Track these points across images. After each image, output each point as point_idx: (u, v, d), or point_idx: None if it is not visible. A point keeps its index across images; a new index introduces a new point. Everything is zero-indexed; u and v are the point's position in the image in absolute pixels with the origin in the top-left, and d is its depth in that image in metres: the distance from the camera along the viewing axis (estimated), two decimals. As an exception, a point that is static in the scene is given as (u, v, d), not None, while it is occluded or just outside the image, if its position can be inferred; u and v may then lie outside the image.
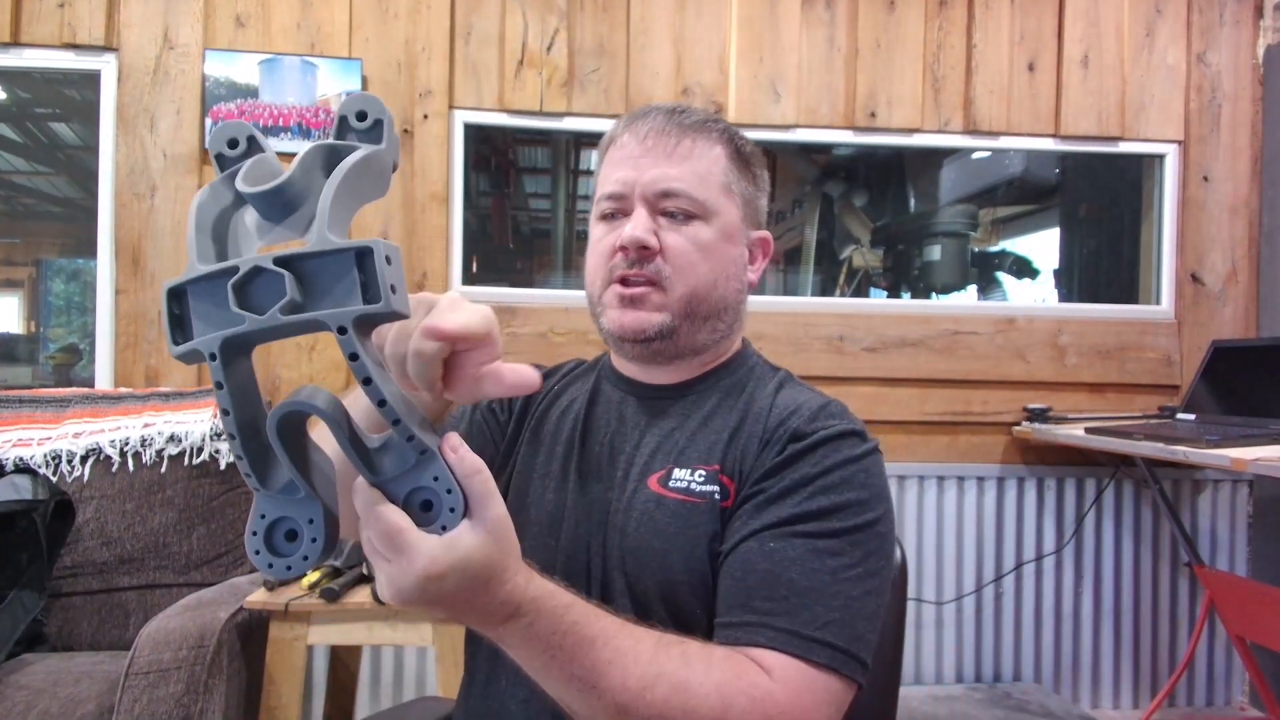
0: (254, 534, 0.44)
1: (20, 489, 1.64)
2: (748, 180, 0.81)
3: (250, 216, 0.44)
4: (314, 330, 0.41)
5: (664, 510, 0.71)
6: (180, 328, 0.42)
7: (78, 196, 4.93)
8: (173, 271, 2.12)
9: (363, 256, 0.40)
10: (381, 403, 0.41)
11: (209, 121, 2.11)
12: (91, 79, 2.15)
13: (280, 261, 0.40)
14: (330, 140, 0.45)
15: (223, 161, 0.46)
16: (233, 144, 0.45)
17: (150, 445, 1.81)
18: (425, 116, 2.20)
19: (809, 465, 0.68)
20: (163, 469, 1.81)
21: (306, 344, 2.13)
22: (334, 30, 2.17)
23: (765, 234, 0.83)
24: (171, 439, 1.82)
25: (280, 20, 2.16)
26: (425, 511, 0.45)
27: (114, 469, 1.80)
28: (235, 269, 0.40)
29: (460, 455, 0.45)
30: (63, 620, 1.71)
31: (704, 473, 0.72)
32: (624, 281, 0.75)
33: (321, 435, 0.47)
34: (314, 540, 0.44)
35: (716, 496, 0.70)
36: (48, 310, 4.72)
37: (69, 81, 3.03)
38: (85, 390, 1.95)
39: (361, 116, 0.45)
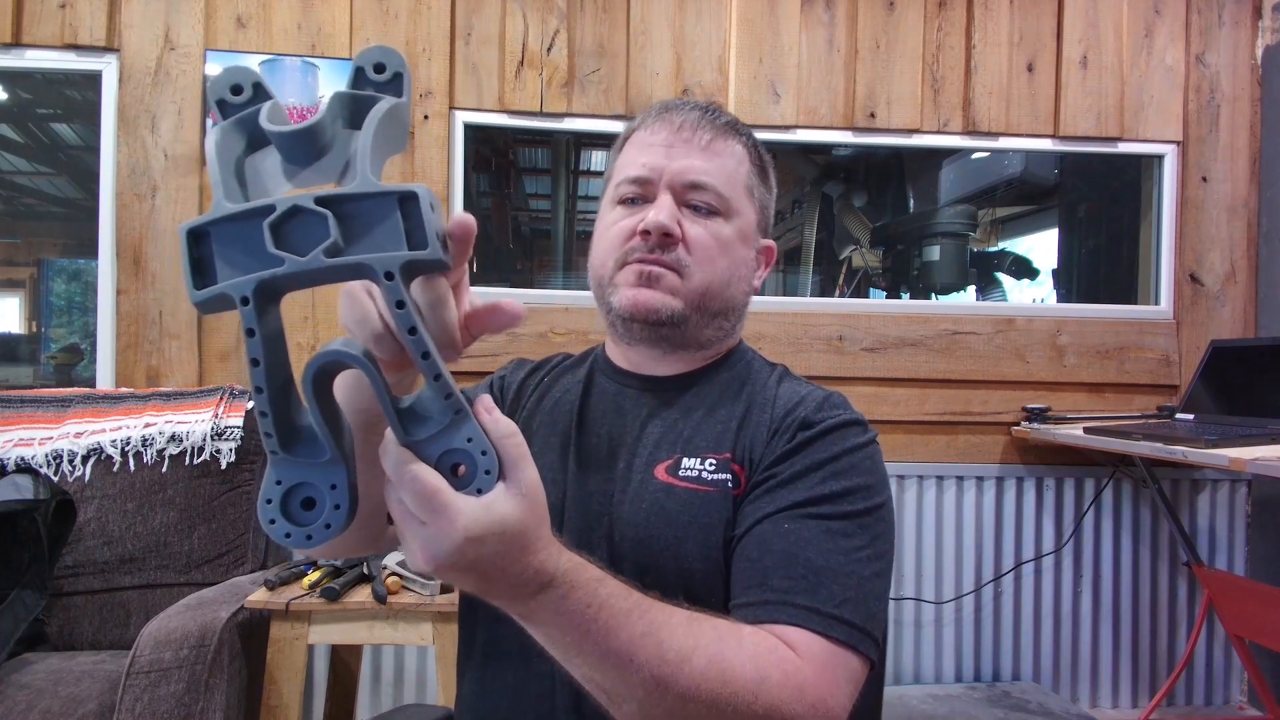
0: (268, 501, 0.41)
1: (22, 489, 1.65)
2: (765, 188, 0.83)
3: (269, 162, 0.42)
4: (355, 276, 0.39)
5: (675, 499, 0.71)
6: (201, 272, 0.38)
7: (79, 197, 4.93)
8: (174, 271, 2.12)
9: (406, 201, 0.38)
10: (425, 354, 0.40)
11: (210, 122, 2.11)
12: (93, 80, 2.15)
13: (321, 201, 0.38)
14: (349, 89, 0.43)
15: (224, 108, 0.43)
16: (236, 90, 0.43)
17: (151, 445, 1.82)
18: (426, 117, 2.20)
19: (819, 451, 0.70)
20: (164, 469, 1.81)
21: (307, 344, 2.14)
22: (335, 31, 2.17)
23: (771, 243, 0.84)
24: (172, 439, 1.82)
25: (281, 21, 2.16)
26: (456, 475, 0.43)
27: (115, 469, 1.80)
28: (271, 208, 0.38)
29: (495, 417, 0.44)
30: (64, 620, 1.72)
31: (714, 461, 0.72)
32: (642, 261, 0.75)
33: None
34: (336, 507, 0.41)
35: (729, 485, 0.71)
36: (49, 310, 4.73)
37: (70, 82, 3.04)
38: (86, 390, 1.96)
39: (380, 69, 0.43)
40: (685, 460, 0.73)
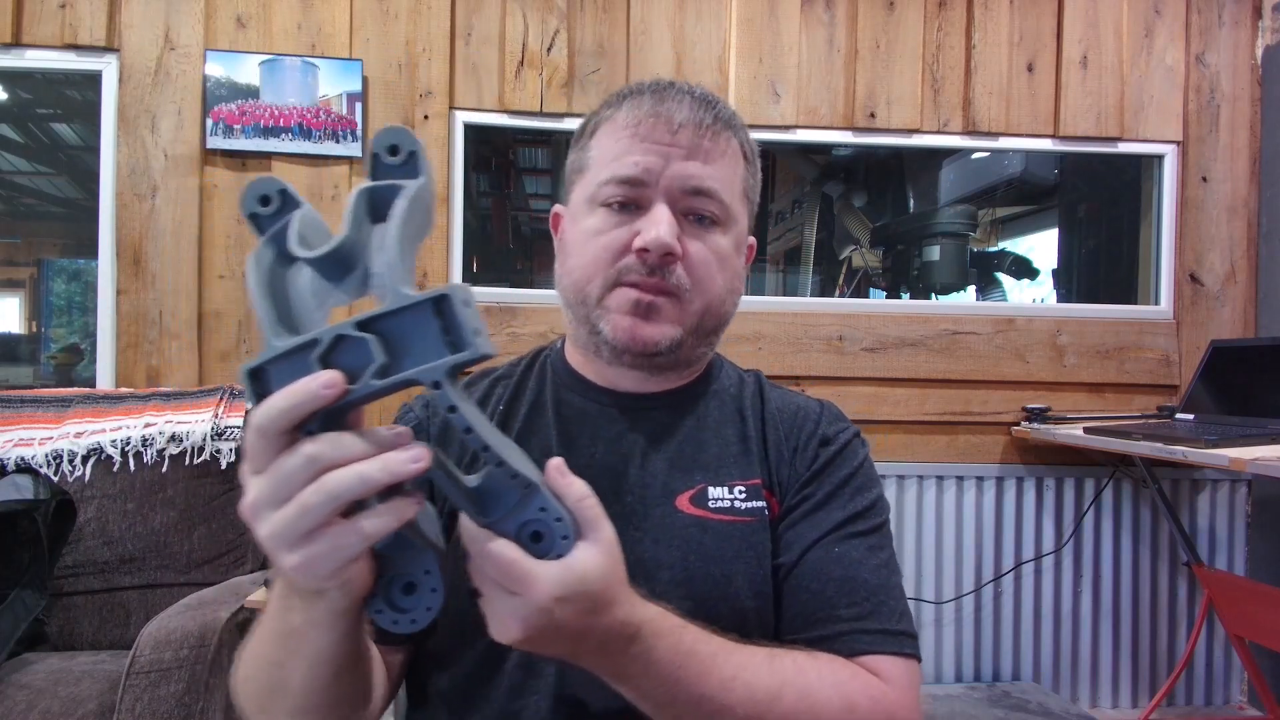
0: (374, 595, 0.45)
1: (22, 489, 1.65)
2: (756, 183, 0.75)
3: (304, 278, 0.43)
4: (408, 388, 0.41)
5: (712, 534, 0.66)
6: None
7: (79, 197, 4.94)
8: (174, 272, 2.13)
9: (440, 304, 0.40)
10: (485, 448, 0.42)
11: (210, 122, 2.11)
12: (93, 80, 2.16)
13: (362, 325, 0.40)
14: (367, 183, 0.44)
15: (258, 221, 0.44)
16: (265, 200, 0.44)
17: (151, 445, 1.82)
18: (426, 117, 2.20)
19: (843, 467, 0.70)
20: (164, 469, 1.81)
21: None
22: (335, 31, 2.18)
23: (752, 240, 0.78)
24: (173, 439, 1.82)
25: (281, 21, 2.16)
26: (537, 542, 0.44)
27: (115, 469, 1.80)
28: (316, 341, 0.40)
29: (567, 482, 0.45)
30: (64, 620, 1.72)
31: (744, 489, 0.69)
32: (638, 286, 0.67)
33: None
34: (433, 590, 0.44)
35: (765, 512, 0.69)
36: (49, 310, 4.73)
37: (70, 82, 3.04)
38: (86, 390, 1.96)
39: (394, 151, 0.44)
40: (712, 489, 0.68)
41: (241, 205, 0.44)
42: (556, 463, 0.45)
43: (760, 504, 0.68)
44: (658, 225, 0.65)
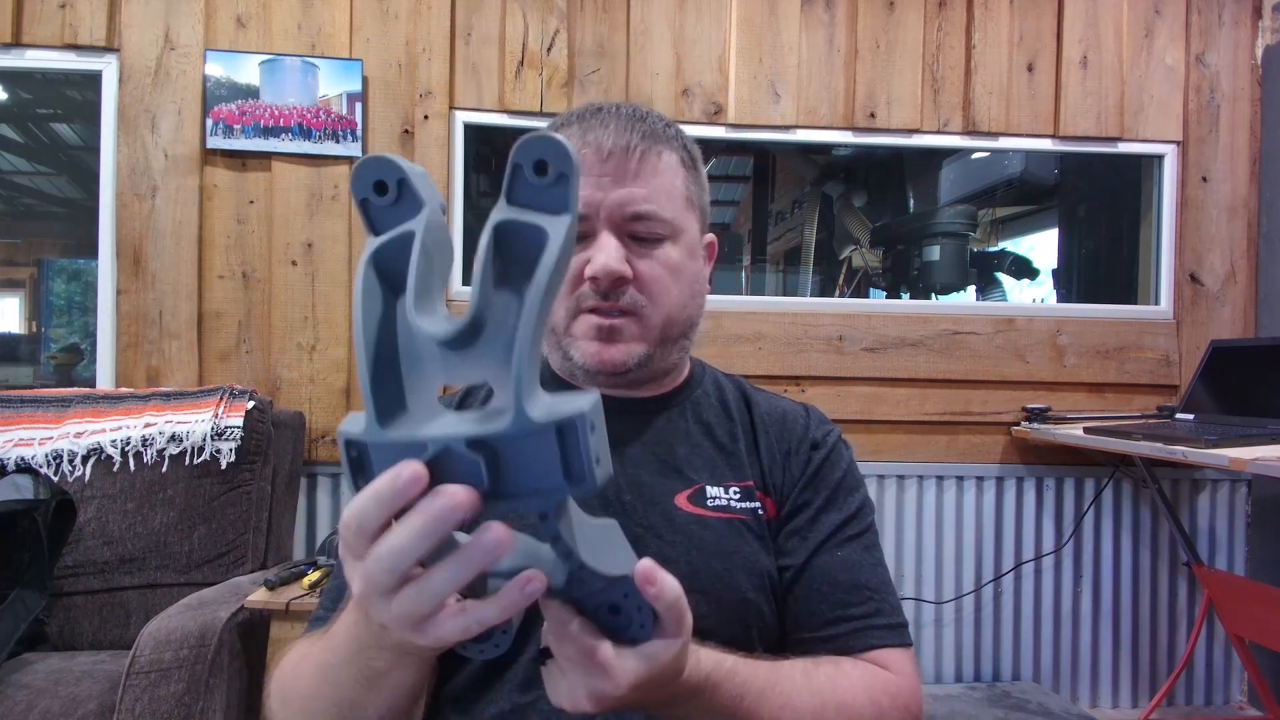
0: None
1: (22, 489, 1.65)
2: (700, 187, 0.77)
3: (422, 336, 0.37)
4: (509, 514, 0.37)
5: (711, 531, 0.70)
6: (363, 474, 0.38)
7: (79, 197, 4.94)
8: (173, 272, 2.12)
9: (564, 432, 0.35)
10: (582, 566, 0.40)
11: (210, 122, 2.11)
12: (93, 80, 2.16)
13: (474, 444, 0.35)
14: (501, 212, 0.37)
15: (370, 211, 0.38)
16: (380, 188, 0.37)
17: (151, 445, 1.82)
18: (426, 117, 2.20)
19: (834, 470, 0.76)
20: (164, 469, 1.81)
21: (307, 344, 2.14)
22: (334, 31, 2.17)
23: (711, 237, 0.80)
24: (173, 439, 1.82)
25: (281, 21, 2.16)
26: (614, 614, 0.43)
27: (115, 469, 1.80)
28: (424, 446, 0.36)
29: (657, 591, 0.43)
30: (64, 620, 1.72)
31: (738, 489, 0.73)
32: (596, 311, 0.70)
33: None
34: (504, 631, 0.44)
35: (759, 512, 0.72)
36: (49, 310, 4.73)
37: (70, 82, 3.04)
38: (86, 390, 1.96)
39: (542, 169, 0.36)
40: (710, 489, 0.72)
41: (353, 188, 0.38)
42: (646, 569, 0.43)
43: (754, 504, 0.72)
44: (604, 252, 0.68)
